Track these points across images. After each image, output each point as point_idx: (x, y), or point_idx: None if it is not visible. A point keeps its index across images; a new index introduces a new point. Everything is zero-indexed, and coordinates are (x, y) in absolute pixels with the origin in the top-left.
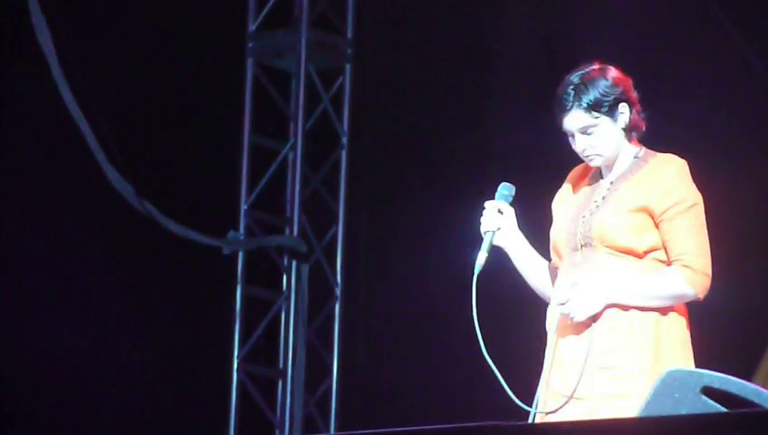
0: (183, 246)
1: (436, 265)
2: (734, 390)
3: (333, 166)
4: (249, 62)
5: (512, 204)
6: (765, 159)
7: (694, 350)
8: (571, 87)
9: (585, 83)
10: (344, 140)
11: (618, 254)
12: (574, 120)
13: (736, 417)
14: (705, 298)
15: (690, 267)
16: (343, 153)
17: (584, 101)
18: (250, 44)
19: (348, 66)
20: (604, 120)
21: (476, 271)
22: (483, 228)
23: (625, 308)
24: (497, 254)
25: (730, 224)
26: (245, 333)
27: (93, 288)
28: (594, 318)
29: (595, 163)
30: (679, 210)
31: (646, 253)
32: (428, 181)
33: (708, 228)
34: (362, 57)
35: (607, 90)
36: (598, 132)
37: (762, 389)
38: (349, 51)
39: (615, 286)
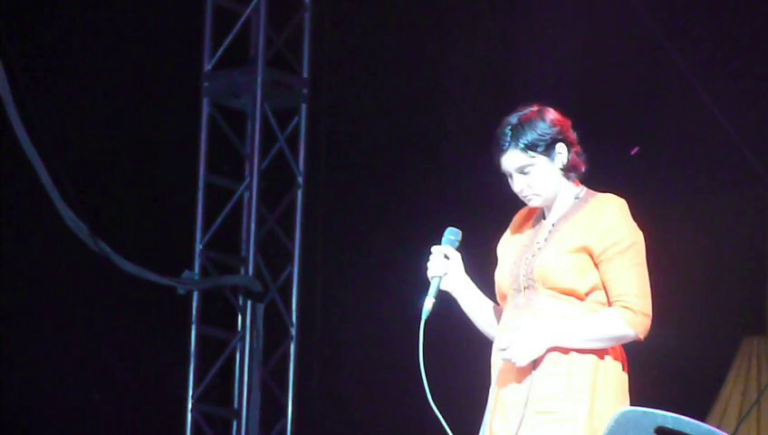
0: (137, 286)
1: (391, 305)
2: (687, 430)
3: (289, 205)
4: (205, 102)
5: (458, 248)
6: (708, 197)
7: (635, 383)
8: (509, 127)
9: (522, 124)
10: (300, 179)
11: (560, 296)
12: (511, 159)
13: None
14: (647, 338)
15: (630, 308)
16: (299, 193)
17: (521, 141)
18: (206, 84)
19: (304, 106)
20: (541, 159)
21: (424, 316)
22: (430, 274)
23: (565, 351)
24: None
25: (672, 263)
26: (200, 372)
27: (46, 329)
28: (535, 363)
29: (533, 203)
30: (618, 250)
31: (587, 294)
32: (383, 221)
33: (650, 267)
34: (318, 97)
35: (544, 130)
36: (534, 172)
37: (715, 429)
38: (305, 90)
39: (556, 330)
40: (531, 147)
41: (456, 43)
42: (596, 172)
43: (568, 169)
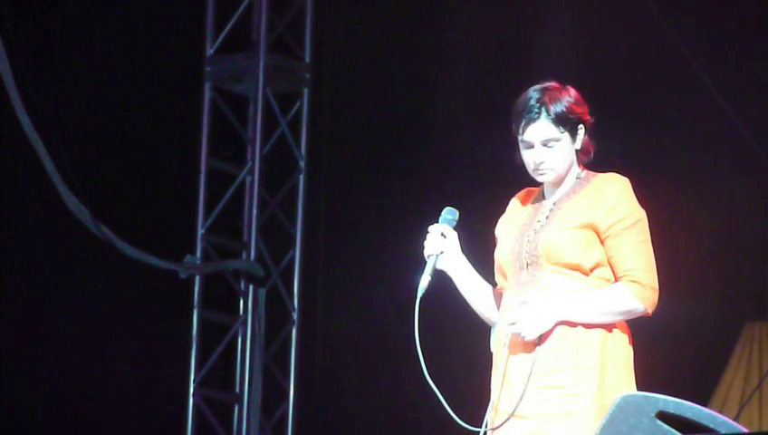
0: (139, 271)
1: (394, 288)
2: (689, 414)
3: (291, 190)
4: (207, 87)
5: (455, 228)
6: (710, 183)
7: (640, 367)
8: (540, 97)
9: (554, 95)
10: (302, 164)
11: (564, 271)
12: (540, 130)
13: None
14: (653, 314)
15: (638, 282)
16: (301, 177)
17: (552, 112)
18: (208, 69)
19: (306, 90)
20: (566, 136)
21: (419, 294)
22: (426, 252)
23: (573, 325)
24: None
25: (675, 241)
26: (202, 357)
27: (47, 314)
28: (542, 337)
29: (545, 178)
30: (624, 226)
31: (592, 269)
32: (386, 205)
33: (654, 245)
34: (320, 81)
35: (573, 106)
36: (558, 147)
37: (717, 414)
38: (306, 75)
39: (564, 303)
40: (561, 121)
41: (457, 27)
42: (598, 158)
43: (583, 151)
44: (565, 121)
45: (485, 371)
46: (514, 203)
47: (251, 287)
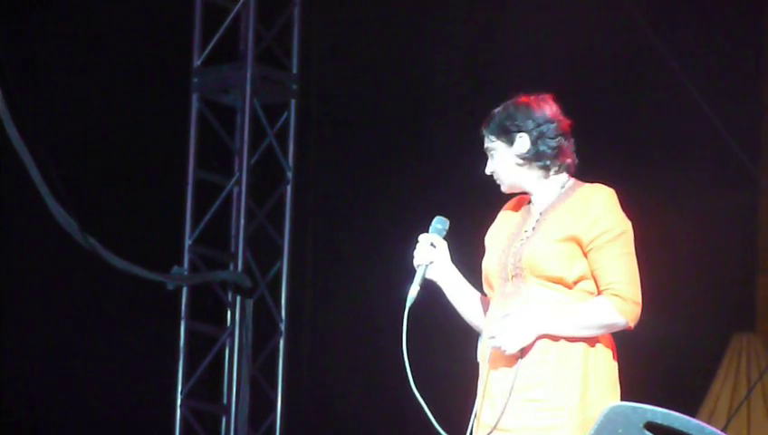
0: (127, 282)
1: (381, 300)
2: (677, 425)
3: (278, 201)
4: (194, 98)
5: (445, 237)
6: (698, 195)
7: (628, 378)
8: (492, 112)
9: (503, 108)
10: (289, 174)
11: (548, 284)
12: (485, 141)
13: None
14: (636, 327)
15: (620, 296)
16: (288, 188)
17: (491, 124)
18: (195, 80)
19: (293, 101)
20: (499, 144)
21: (408, 304)
22: (415, 262)
23: (555, 339)
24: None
25: (664, 253)
26: (189, 368)
27: (35, 325)
28: (524, 350)
29: (502, 187)
30: (607, 238)
31: (575, 283)
32: (373, 217)
33: (640, 264)
34: (307, 93)
35: (513, 117)
36: (495, 156)
37: (705, 424)
38: (294, 86)
39: (545, 317)
40: (495, 130)
41: (444, 38)
42: (585, 169)
43: (528, 159)
44: (499, 131)
45: (473, 380)
46: (504, 212)
47: (238, 298)
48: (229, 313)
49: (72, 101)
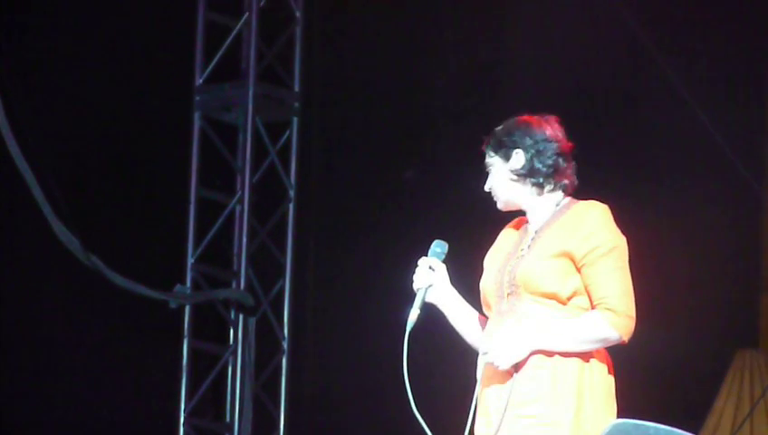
0: (129, 300)
1: (384, 317)
2: None
3: (280, 219)
4: (196, 116)
5: (444, 261)
6: (699, 209)
7: (631, 395)
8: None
9: (505, 126)
10: (291, 193)
11: (542, 300)
12: (486, 158)
13: None
14: (640, 343)
15: (613, 310)
16: (290, 206)
17: (492, 140)
18: (197, 98)
19: (295, 119)
20: (497, 160)
21: (408, 327)
22: (415, 285)
23: (549, 354)
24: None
25: (667, 268)
26: (192, 386)
27: (38, 344)
28: (518, 366)
29: (498, 205)
30: (600, 253)
31: (569, 298)
32: (375, 235)
33: (642, 279)
34: (309, 110)
35: (512, 134)
36: (492, 172)
37: None
38: (296, 104)
39: (538, 332)
40: (494, 146)
41: (447, 56)
42: (589, 186)
43: (522, 175)
44: (497, 146)
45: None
46: (504, 232)
47: (241, 316)
48: (232, 331)
49: (74, 119)
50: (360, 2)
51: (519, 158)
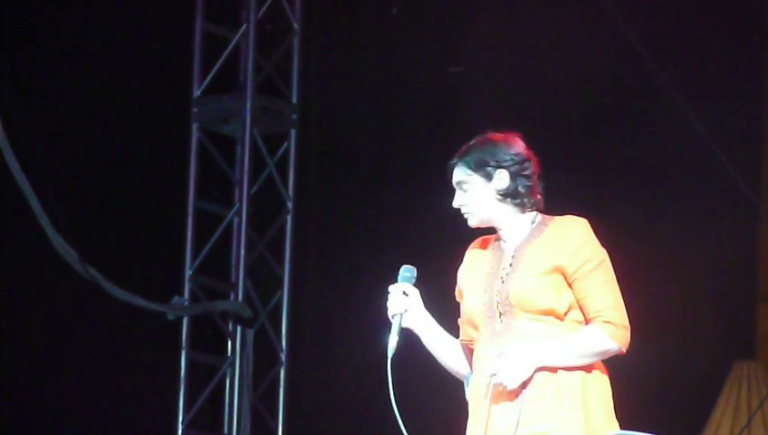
0: (127, 312)
1: (381, 331)
2: None
3: (278, 231)
4: (194, 128)
5: (415, 284)
6: (697, 222)
7: (629, 406)
8: (467, 144)
9: (477, 143)
10: (289, 204)
11: (539, 317)
12: (455, 174)
13: None
14: (636, 354)
15: (611, 322)
16: (288, 218)
17: (466, 158)
18: (195, 110)
19: (293, 131)
20: (477, 178)
21: (389, 354)
22: (390, 312)
23: (553, 370)
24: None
25: (664, 280)
26: (190, 398)
27: (35, 356)
28: (524, 384)
29: (470, 222)
30: (590, 268)
31: (566, 313)
32: (374, 247)
33: (640, 291)
34: (307, 122)
35: (492, 153)
36: (470, 190)
37: None
38: (294, 116)
39: (541, 349)
40: (471, 164)
41: (443, 66)
42: (584, 198)
43: (506, 195)
44: (477, 164)
45: (463, 418)
46: (472, 252)
47: (239, 328)
48: (230, 343)
49: (71, 132)
50: (358, 14)
51: (503, 178)
